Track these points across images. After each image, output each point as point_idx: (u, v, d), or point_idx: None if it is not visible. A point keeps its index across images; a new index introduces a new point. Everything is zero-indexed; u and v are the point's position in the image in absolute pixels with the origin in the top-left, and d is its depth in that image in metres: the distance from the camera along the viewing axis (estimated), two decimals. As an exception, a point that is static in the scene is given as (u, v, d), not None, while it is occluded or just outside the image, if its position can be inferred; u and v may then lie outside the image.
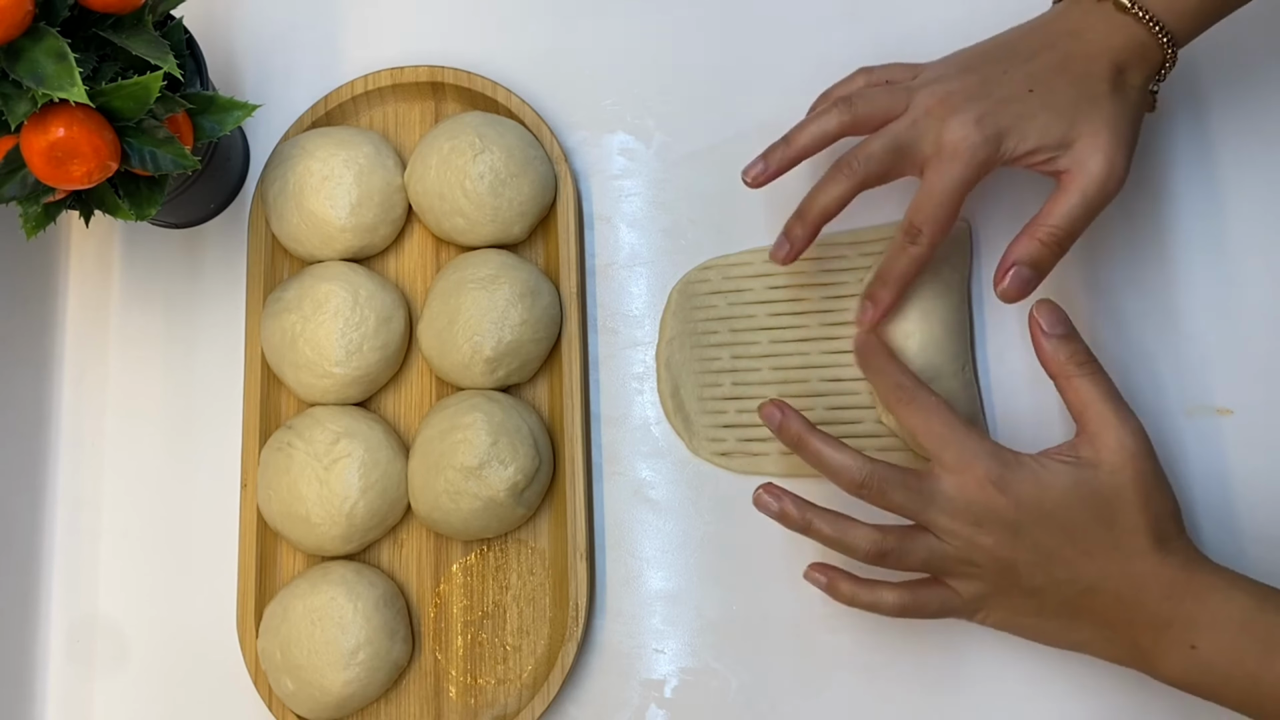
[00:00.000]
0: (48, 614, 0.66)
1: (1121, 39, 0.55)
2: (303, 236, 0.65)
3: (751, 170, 0.59)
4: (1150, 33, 0.54)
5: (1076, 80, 0.54)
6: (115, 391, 0.69)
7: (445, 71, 0.68)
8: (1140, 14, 0.54)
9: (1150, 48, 0.55)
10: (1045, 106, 0.54)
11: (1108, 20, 0.55)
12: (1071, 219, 0.54)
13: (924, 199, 0.55)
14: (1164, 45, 0.55)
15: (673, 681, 0.61)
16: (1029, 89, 0.54)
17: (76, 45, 0.50)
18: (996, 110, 0.54)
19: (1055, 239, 0.54)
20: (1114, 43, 0.55)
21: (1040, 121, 0.54)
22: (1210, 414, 0.61)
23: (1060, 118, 0.54)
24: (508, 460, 0.60)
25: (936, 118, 0.55)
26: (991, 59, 0.56)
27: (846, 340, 0.63)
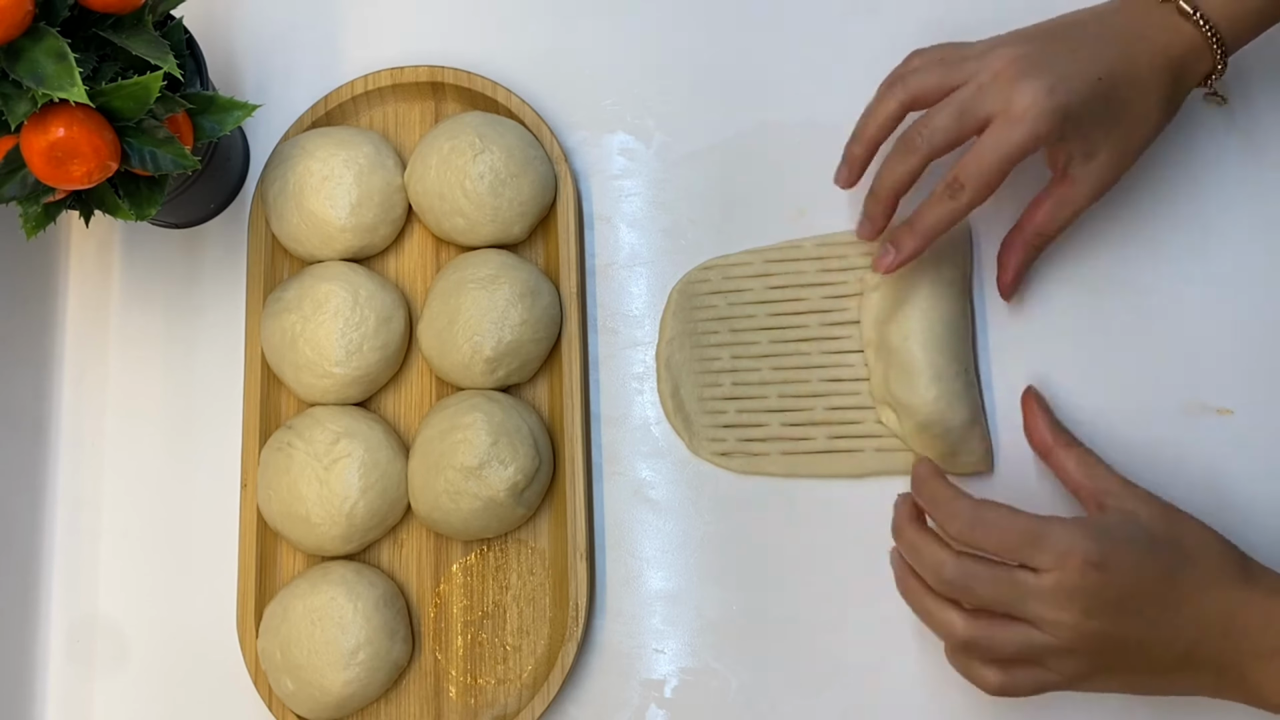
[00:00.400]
0: (48, 614, 0.66)
1: (1181, 46, 0.55)
2: (303, 236, 0.65)
3: (839, 175, 0.60)
4: (1206, 39, 0.55)
5: (1137, 85, 0.55)
6: (115, 391, 0.69)
7: (445, 71, 0.68)
8: (1200, 21, 0.54)
9: (1204, 53, 0.55)
10: (1106, 104, 0.54)
11: (1168, 24, 0.55)
12: (1061, 225, 0.58)
13: (975, 156, 0.54)
14: (1215, 51, 0.55)
15: (673, 681, 0.61)
16: (1099, 76, 0.54)
17: (76, 45, 0.50)
18: (1069, 87, 0.53)
19: (1045, 241, 0.59)
20: (1174, 50, 0.55)
21: (1095, 117, 0.54)
22: (1210, 414, 0.61)
23: (1107, 121, 0.54)
24: (508, 460, 0.60)
25: (1006, 79, 0.54)
26: (1058, 36, 0.56)
27: (846, 340, 0.63)
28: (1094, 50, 0.55)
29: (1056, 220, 0.58)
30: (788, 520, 0.62)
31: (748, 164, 0.67)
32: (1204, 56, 0.56)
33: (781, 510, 0.62)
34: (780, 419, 0.63)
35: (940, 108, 0.55)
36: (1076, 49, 0.55)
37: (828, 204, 0.65)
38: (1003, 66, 0.54)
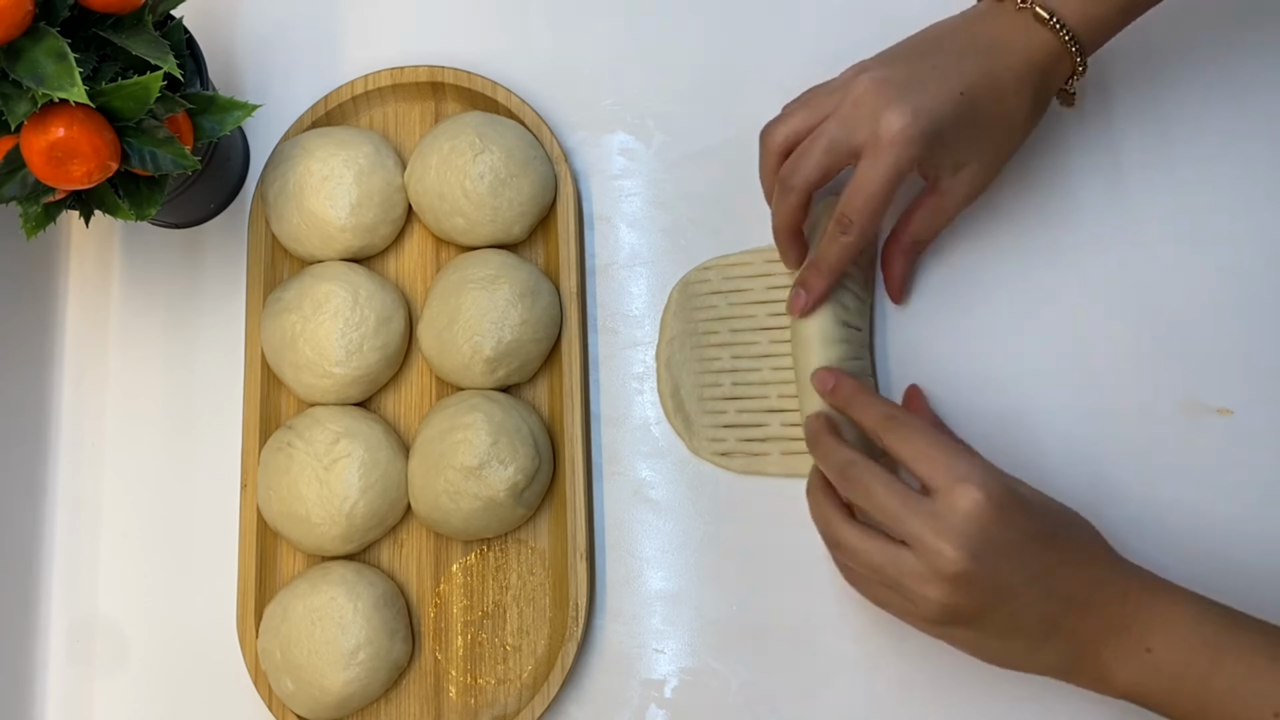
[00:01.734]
0: (48, 614, 0.66)
1: (1041, 51, 0.56)
2: (303, 236, 0.65)
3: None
4: (1063, 44, 0.56)
5: (1002, 97, 0.56)
6: (115, 391, 0.69)
7: (445, 71, 0.68)
8: (1057, 26, 0.56)
9: (1063, 58, 0.57)
10: (969, 119, 0.55)
11: (1027, 31, 0.56)
12: (935, 233, 0.61)
13: (854, 190, 0.55)
14: (1074, 55, 0.57)
15: (673, 681, 0.61)
16: (960, 91, 0.55)
17: (76, 45, 0.50)
18: (930, 108, 0.54)
19: (920, 246, 0.62)
20: (1035, 56, 0.56)
21: (961, 133, 0.55)
22: (1210, 414, 0.61)
23: (974, 137, 0.56)
24: (508, 460, 0.60)
25: (869, 107, 0.54)
26: (920, 54, 0.57)
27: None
28: (956, 65, 0.55)
29: (931, 228, 0.61)
30: (788, 520, 0.62)
31: (748, 164, 0.66)
32: (1063, 60, 0.57)
33: (781, 510, 0.62)
34: (780, 419, 0.63)
35: (809, 142, 0.56)
36: (938, 65, 0.55)
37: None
38: (863, 93, 0.55)
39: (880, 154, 0.54)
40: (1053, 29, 0.56)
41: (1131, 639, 0.49)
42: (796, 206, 0.58)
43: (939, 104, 0.54)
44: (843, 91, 0.56)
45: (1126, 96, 0.66)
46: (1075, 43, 0.56)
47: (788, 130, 0.57)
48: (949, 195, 0.58)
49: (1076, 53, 0.56)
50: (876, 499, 0.51)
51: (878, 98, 0.54)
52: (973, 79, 0.55)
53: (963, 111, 0.55)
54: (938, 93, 0.54)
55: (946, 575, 0.48)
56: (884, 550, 0.50)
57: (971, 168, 0.57)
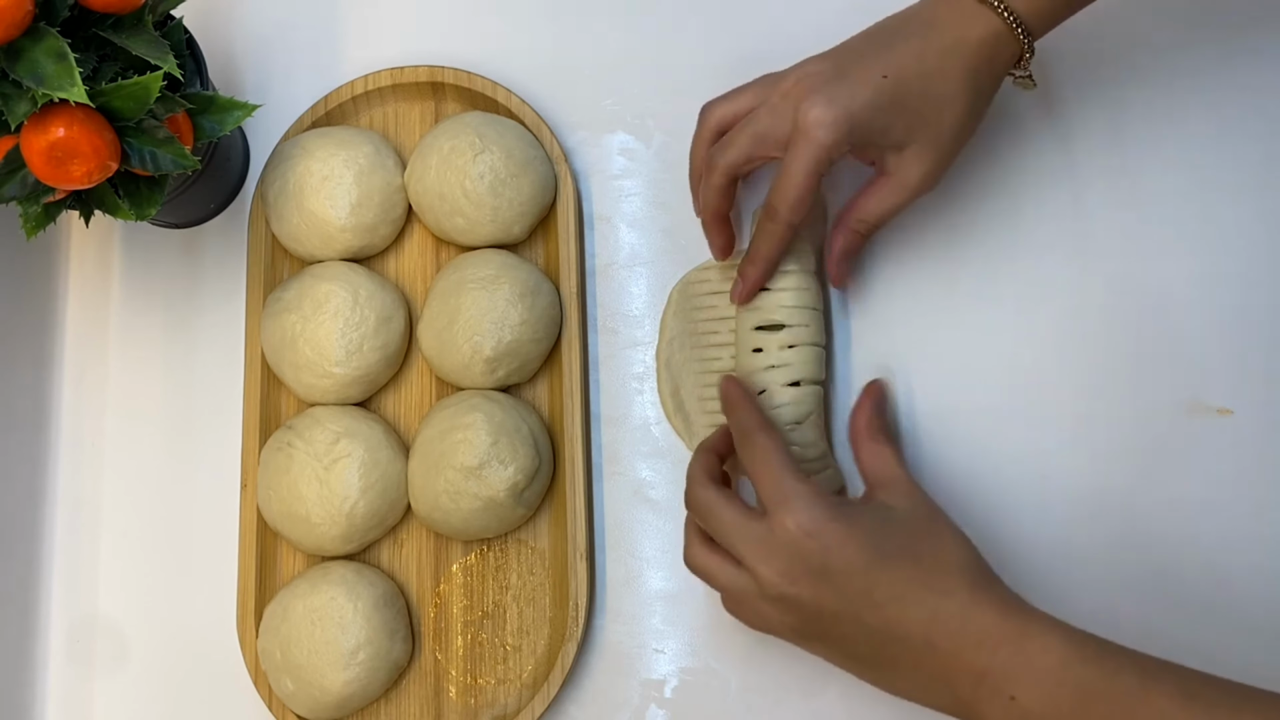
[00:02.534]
0: (48, 614, 0.66)
1: (980, 31, 0.55)
2: (303, 236, 0.65)
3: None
4: (1007, 25, 0.55)
5: (931, 75, 0.55)
6: (115, 391, 0.69)
7: (445, 71, 0.68)
8: (997, 5, 0.55)
9: (1007, 40, 0.55)
10: (894, 98, 0.55)
11: (967, 11, 0.55)
12: (882, 217, 0.59)
13: (780, 179, 0.56)
14: (1020, 38, 0.55)
15: (673, 681, 0.61)
16: (883, 75, 0.55)
17: (76, 45, 0.50)
18: (850, 94, 0.54)
19: (867, 229, 0.59)
20: (971, 35, 0.55)
21: (887, 114, 0.55)
22: (1210, 414, 0.61)
23: (903, 115, 0.55)
24: (508, 460, 0.60)
25: (793, 98, 0.55)
26: (850, 46, 0.57)
27: None
28: (882, 50, 0.56)
29: (877, 210, 0.59)
30: (788, 520, 0.62)
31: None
32: (1008, 42, 0.56)
33: None
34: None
35: (739, 127, 0.57)
36: (866, 53, 0.56)
37: (828, 204, 0.65)
38: (791, 85, 0.56)
39: (800, 144, 0.54)
40: (994, 9, 0.55)
41: (991, 685, 0.46)
42: (719, 187, 0.58)
43: (859, 90, 0.54)
44: (778, 82, 0.57)
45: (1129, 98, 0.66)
46: (1019, 23, 0.55)
47: (725, 111, 0.58)
48: (895, 177, 0.57)
49: (1022, 34, 0.55)
50: (713, 521, 0.52)
51: (801, 89, 0.55)
52: (898, 61, 0.55)
53: (887, 94, 0.54)
54: (860, 78, 0.55)
55: (770, 597, 0.50)
56: (724, 570, 0.52)
57: (913, 149, 0.56)
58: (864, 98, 0.54)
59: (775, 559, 0.50)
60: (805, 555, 0.49)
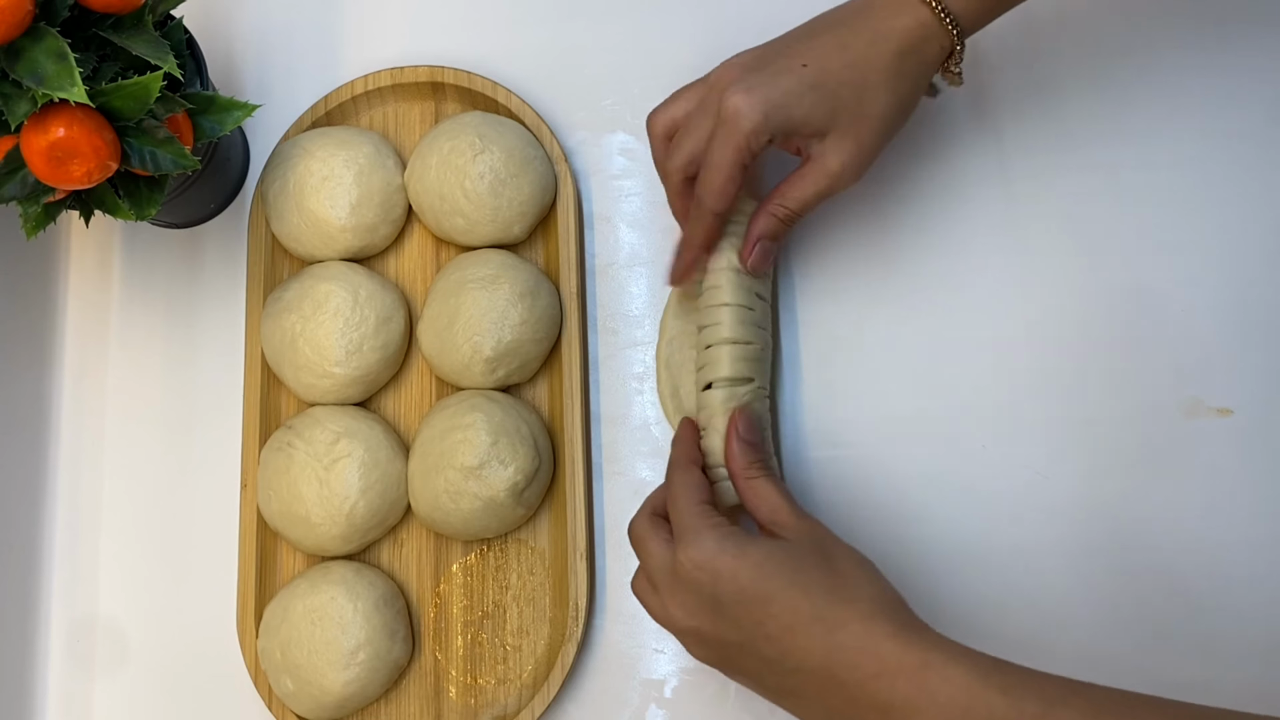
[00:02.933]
0: (48, 614, 0.66)
1: (907, 20, 0.55)
2: (303, 236, 0.65)
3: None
4: (937, 18, 0.55)
5: (854, 64, 0.55)
6: (115, 391, 0.69)
7: (445, 71, 0.68)
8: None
9: (937, 33, 0.55)
10: (814, 86, 0.54)
11: (898, 2, 0.55)
12: (804, 202, 0.57)
13: (704, 169, 0.56)
14: (950, 32, 0.55)
15: (673, 681, 0.61)
16: (803, 64, 0.55)
17: (76, 45, 0.50)
18: (769, 82, 0.54)
19: (789, 216, 0.58)
20: (898, 24, 0.55)
21: (807, 102, 0.54)
22: (1210, 414, 0.61)
23: (823, 102, 0.55)
24: (508, 460, 0.60)
25: (718, 90, 0.55)
26: (780, 39, 0.57)
27: None
28: (808, 39, 0.56)
29: (800, 195, 0.57)
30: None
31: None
32: (937, 34, 0.55)
33: None
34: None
35: (682, 131, 0.57)
36: (791, 44, 0.56)
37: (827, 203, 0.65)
38: (717, 79, 0.56)
39: (720, 133, 0.54)
40: (925, 1, 0.55)
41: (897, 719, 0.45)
42: (677, 191, 0.58)
43: (780, 78, 0.54)
44: (709, 78, 0.57)
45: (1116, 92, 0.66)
46: (950, 17, 0.55)
47: (666, 116, 0.59)
48: (816, 163, 0.56)
49: (953, 27, 0.55)
50: (641, 553, 0.53)
51: (725, 80, 0.55)
52: (819, 50, 0.55)
53: (808, 82, 0.54)
54: (781, 67, 0.55)
55: (681, 630, 0.50)
56: (654, 604, 0.52)
57: (834, 136, 0.55)
58: (783, 85, 0.54)
59: (678, 592, 0.50)
60: (699, 588, 0.49)
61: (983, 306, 0.64)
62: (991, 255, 0.64)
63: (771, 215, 0.58)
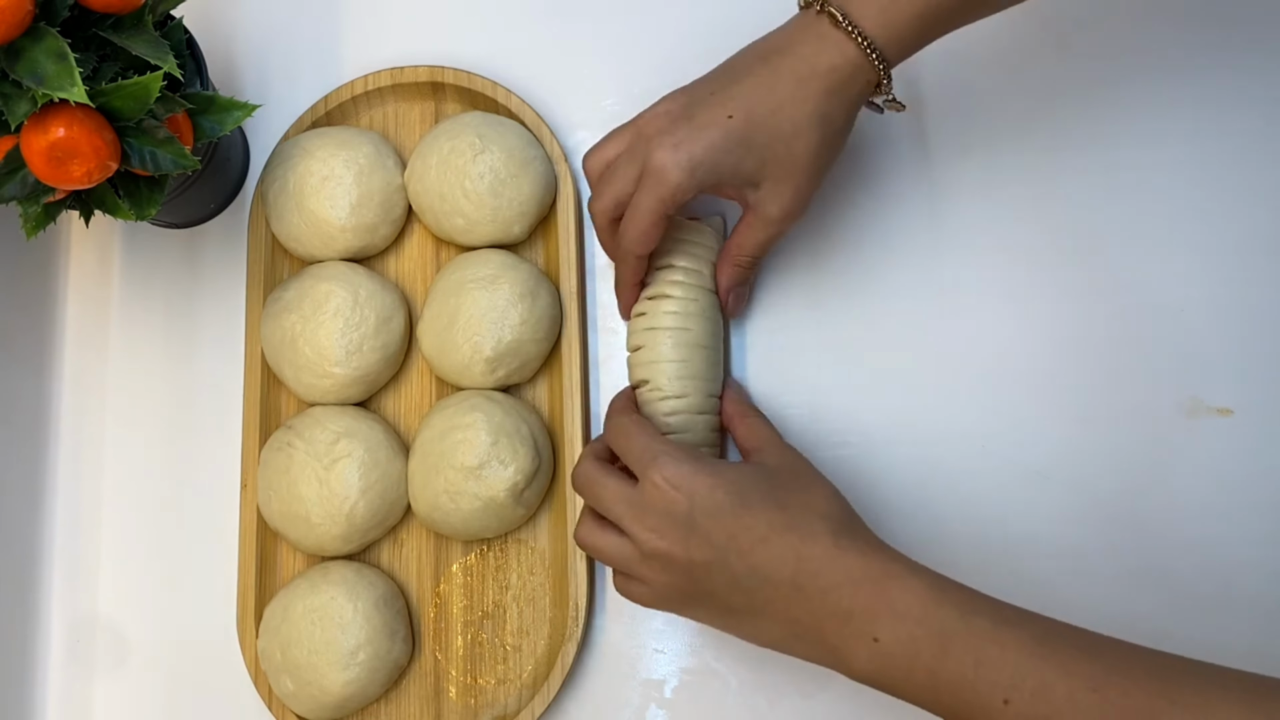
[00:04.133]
0: (48, 614, 0.66)
1: (833, 58, 0.54)
2: (303, 236, 0.65)
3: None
4: (863, 53, 0.54)
5: (780, 109, 0.54)
6: (115, 392, 0.69)
7: (445, 71, 0.68)
8: (851, 31, 0.53)
9: (863, 68, 0.54)
10: (741, 140, 0.54)
11: (821, 37, 0.54)
12: (758, 247, 0.59)
13: (628, 215, 0.57)
14: (876, 65, 0.54)
15: (673, 681, 0.61)
16: (729, 115, 0.55)
17: (76, 45, 0.50)
18: (694, 136, 0.54)
19: (750, 263, 0.60)
20: (823, 62, 0.54)
21: (734, 157, 0.55)
22: (1210, 414, 0.61)
23: (751, 155, 0.55)
24: (507, 460, 0.60)
25: (645, 140, 0.56)
26: (707, 80, 0.57)
27: None
28: (731, 86, 0.55)
29: (750, 244, 0.59)
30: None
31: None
32: (862, 68, 0.54)
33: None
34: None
35: (608, 174, 0.58)
36: (716, 89, 0.56)
37: (827, 203, 0.65)
38: (644, 124, 0.57)
39: (646, 185, 0.55)
40: (848, 35, 0.54)
41: (855, 627, 0.47)
42: (603, 232, 0.60)
43: (705, 132, 0.54)
44: (637, 122, 0.58)
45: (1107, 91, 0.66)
46: (875, 50, 0.53)
47: (598, 160, 0.59)
48: (757, 211, 0.57)
49: (878, 60, 0.54)
50: (595, 491, 0.54)
51: (653, 130, 0.56)
52: (746, 98, 0.55)
53: (735, 135, 0.54)
54: (706, 120, 0.55)
55: (650, 555, 0.51)
56: (608, 541, 0.53)
57: (768, 185, 0.56)
58: (708, 139, 0.54)
59: (647, 517, 0.51)
60: (672, 507, 0.50)
61: (983, 307, 0.64)
62: (992, 256, 0.64)
63: (736, 266, 0.60)
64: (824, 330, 0.65)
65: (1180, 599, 0.59)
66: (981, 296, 0.64)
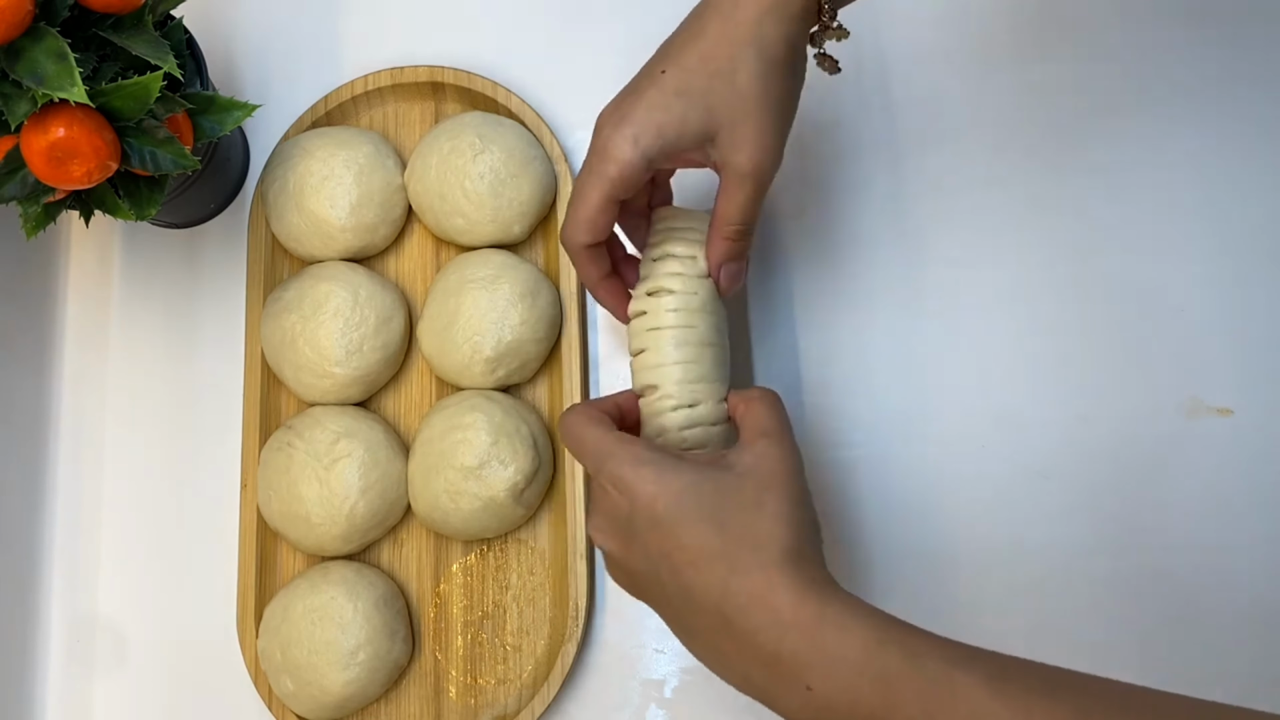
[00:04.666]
0: (48, 614, 0.66)
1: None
2: (303, 236, 0.65)
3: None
4: None
5: (711, 51, 0.50)
6: (115, 392, 0.69)
7: (445, 71, 0.68)
8: None
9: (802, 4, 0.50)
10: (678, 91, 0.50)
11: None
12: (742, 213, 0.53)
13: (571, 202, 0.53)
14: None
15: (673, 681, 0.61)
16: (662, 69, 0.51)
17: (76, 45, 0.50)
18: (633, 103, 0.51)
19: (739, 234, 0.54)
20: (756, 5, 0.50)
21: (675, 111, 0.50)
22: (1210, 414, 0.61)
23: (693, 105, 0.50)
24: (507, 460, 0.60)
25: (596, 131, 0.52)
26: (656, 52, 0.53)
27: None
28: (665, 46, 0.52)
29: (732, 210, 0.53)
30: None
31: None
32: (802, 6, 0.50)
33: None
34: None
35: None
36: (654, 58, 0.53)
37: (827, 204, 0.65)
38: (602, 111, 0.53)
39: (589, 167, 0.52)
40: None
41: (786, 673, 0.42)
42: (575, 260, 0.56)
43: (642, 96, 0.51)
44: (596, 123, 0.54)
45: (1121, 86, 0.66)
46: None
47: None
48: (728, 169, 0.52)
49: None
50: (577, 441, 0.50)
51: (603, 116, 0.52)
52: (676, 50, 0.51)
53: (670, 89, 0.50)
54: (642, 85, 0.51)
55: (605, 553, 0.49)
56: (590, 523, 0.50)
57: (724, 133, 0.51)
58: (646, 102, 0.51)
59: (596, 513, 0.48)
60: (614, 510, 0.47)
61: (982, 306, 0.64)
62: (991, 256, 0.64)
63: (723, 239, 0.54)
64: (823, 331, 0.65)
65: (1180, 599, 0.59)
66: (981, 296, 0.64)
